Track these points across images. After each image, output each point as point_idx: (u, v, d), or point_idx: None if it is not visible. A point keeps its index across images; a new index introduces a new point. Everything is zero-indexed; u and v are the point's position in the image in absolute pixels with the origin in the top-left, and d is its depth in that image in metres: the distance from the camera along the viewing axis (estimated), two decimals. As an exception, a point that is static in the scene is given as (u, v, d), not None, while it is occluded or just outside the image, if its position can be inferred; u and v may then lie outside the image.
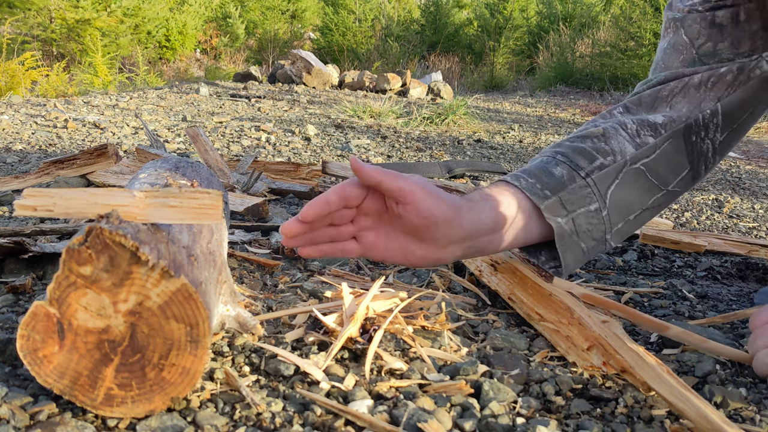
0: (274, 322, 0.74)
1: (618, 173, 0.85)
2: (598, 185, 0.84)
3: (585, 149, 0.86)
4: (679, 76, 0.88)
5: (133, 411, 0.50)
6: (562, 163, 0.85)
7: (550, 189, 0.82)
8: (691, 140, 0.88)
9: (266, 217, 1.34)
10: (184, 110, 4.06)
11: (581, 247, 0.84)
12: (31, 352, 0.48)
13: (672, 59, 0.91)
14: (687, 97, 0.87)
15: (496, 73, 11.67)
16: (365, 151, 2.73)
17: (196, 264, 0.54)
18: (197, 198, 0.53)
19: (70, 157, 1.61)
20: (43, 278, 0.87)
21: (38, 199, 0.51)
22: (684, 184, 0.90)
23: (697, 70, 0.87)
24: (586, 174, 0.84)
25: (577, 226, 0.83)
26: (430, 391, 0.58)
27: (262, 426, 0.51)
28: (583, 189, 0.83)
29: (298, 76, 7.50)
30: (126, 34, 9.18)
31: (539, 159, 0.88)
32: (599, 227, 0.85)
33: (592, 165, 0.85)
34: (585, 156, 0.85)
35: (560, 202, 0.82)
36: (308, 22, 15.17)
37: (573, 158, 0.85)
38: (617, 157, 0.85)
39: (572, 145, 0.88)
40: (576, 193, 0.83)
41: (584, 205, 0.83)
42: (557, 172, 0.84)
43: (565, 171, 0.84)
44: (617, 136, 0.87)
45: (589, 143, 0.87)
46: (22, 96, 4.48)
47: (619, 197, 0.85)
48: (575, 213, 0.83)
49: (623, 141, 0.87)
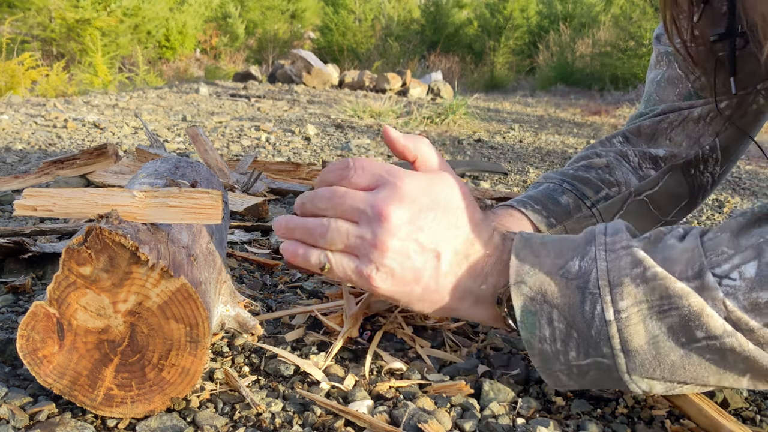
0: (274, 322, 0.74)
1: (623, 204, 0.86)
2: (603, 216, 0.86)
3: (590, 179, 0.88)
4: (675, 109, 0.89)
5: (133, 411, 0.50)
6: (568, 192, 0.86)
7: (555, 217, 0.83)
8: (690, 173, 0.89)
9: (266, 217, 1.34)
10: (183, 110, 4.06)
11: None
12: (31, 352, 0.48)
13: (667, 92, 0.91)
14: (686, 130, 0.88)
15: (496, 73, 11.67)
16: (365, 151, 2.73)
17: (195, 264, 0.54)
18: (197, 198, 0.53)
19: (70, 157, 1.61)
20: (43, 278, 0.87)
21: (38, 199, 0.51)
22: (681, 213, 0.93)
23: (695, 104, 0.87)
24: (592, 204, 0.85)
25: None
26: (430, 391, 0.58)
27: (262, 426, 0.51)
28: (588, 219, 0.85)
29: (298, 75, 7.50)
30: (126, 34, 9.18)
31: (545, 185, 0.89)
32: None
33: (598, 195, 0.86)
34: (590, 186, 0.87)
35: (565, 232, 0.83)
36: (308, 22, 15.17)
37: (579, 187, 0.87)
38: (622, 188, 0.87)
39: (577, 174, 0.89)
40: (581, 223, 0.84)
41: None
42: (563, 201, 0.85)
43: (571, 200, 0.85)
44: (621, 167, 0.88)
45: (594, 173, 0.88)
46: (21, 96, 4.47)
47: None
48: None
49: (627, 172, 0.88)
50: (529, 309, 0.53)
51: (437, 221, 0.55)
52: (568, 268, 0.52)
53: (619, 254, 0.51)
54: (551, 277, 0.53)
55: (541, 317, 0.53)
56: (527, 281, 0.53)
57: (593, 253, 0.52)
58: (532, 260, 0.54)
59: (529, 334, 0.53)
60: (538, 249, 0.55)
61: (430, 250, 0.55)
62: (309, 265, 0.58)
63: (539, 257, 0.54)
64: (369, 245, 0.54)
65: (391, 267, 0.54)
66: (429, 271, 0.55)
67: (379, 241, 0.53)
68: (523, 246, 0.55)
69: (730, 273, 0.47)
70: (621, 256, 0.50)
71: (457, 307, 0.57)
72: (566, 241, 0.55)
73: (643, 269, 0.49)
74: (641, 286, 0.49)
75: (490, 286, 0.57)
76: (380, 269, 0.54)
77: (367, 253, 0.54)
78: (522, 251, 0.55)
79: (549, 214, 0.83)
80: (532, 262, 0.54)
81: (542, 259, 0.54)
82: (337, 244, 0.56)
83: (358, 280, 0.56)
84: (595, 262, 0.51)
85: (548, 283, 0.53)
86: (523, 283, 0.53)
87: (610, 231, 0.53)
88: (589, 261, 0.52)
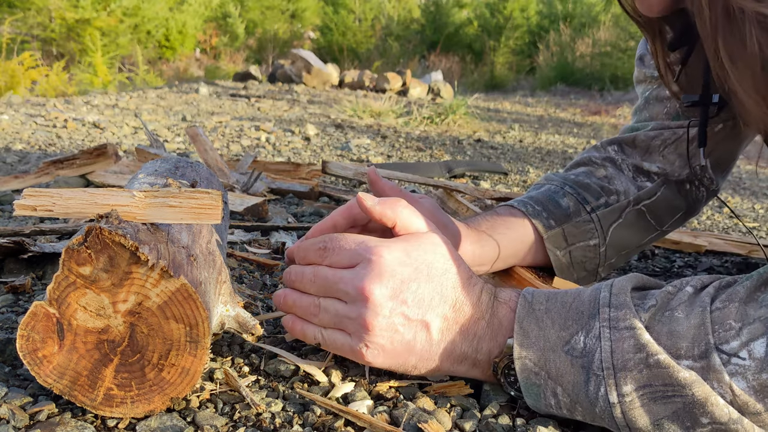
0: (274, 322, 0.74)
1: (622, 212, 0.87)
2: (602, 222, 0.86)
3: (591, 185, 0.88)
4: (666, 127, 0.89)
5: (133, 411, 0.50)
6: (569, 195, 0.87)
7: (555, 219, 0.84)
8: (685, 188, 0.91)
9: (266, 217, 1.34)
10: (183, 110, 4.06)
11: (573, 277, 0.87)
12: (31, 352, 0.48)
13: (656, 109, 0.91)
14: (678, 150, 0.88)
15: (496, 73, 11.67)
16: (365, 151, 2.73)
17: (195, 264, 0.54)
18: (197, 198, 0.53)
19: (70, 157, 1.61)
20: (43, 278, 0.87)
21: (38, 198, 0.51)
22: (676, 224, 0.93)
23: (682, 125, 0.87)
24: (592, 209, 0.86)
25: (572, 258, 0.86)
26: (430, 391, 0.58)
27: (262, 426, 0.51)
28: (587, 224, 0.85)
29: (298, 75, 7.50)
30: (126, 34, 9.17)
31: (546, 187, 0.89)
32: (593, 261, 0.88)
33: (598, 201, 0.87)
34: (591, 192, 0.87)
35: (563, 234, 0.84)
36: (308, 22, 15.17)
37: (580, 192, 0.87)
38: (621, 197, 0.88)
39: (578, 180, 0.89)
40: (579, 227, 0.85)
41: (584, 239, 0.86)
42: (564, 203, 0.86)
43: (572, 203, 0.86)
44: (620, 176, 0.89)
45: (595, 180, 0.89)
46: (21, 96, 4.47)
47: (620, 235, 0.88)
48: (574, 246, 0.85)
49: (626, 182, 0.89)
50: (533, 382, 0.53)
51: (421, 291, 0.55)
52: (573, 344, 0.51)
53: (622, 335, 0.49)
54: (556, 354, 0.52)
55: (545, 390, 0.53)
56: (531, 357, 0.53)
57: (597, 330, 0.51)
58: (536, 333, 0.53)
59: (534, 401, 0.54)
60: (541, 318, 0.54)
61: (417, 321, 0.55)
62: (306, 339, 0.60)
63: (543, 329, 0.53)
64: (357, 324, 0.55)
65: (381, 343, 0.55)
66: (420, 342, 0.55)
67: (364, 320, 0.54)
68: (527, 314, 0.54)
69: (739, 352, 0.46)
70: (625, 338, 0.49)
71: (455, 370, 0.58)
72: (571, 310, 0.53)
73: (646, 355, 0.48)
74: (644, 371, 0.48)
75: (485, 353, 0.56)
76: (370, 346, 0.55)
77: (356, 331, 0.55)
78: (525, 320, 0.54)
79: (549, 215, 0.84)
80: (536, 335, 0.53)
81: (546, 332, 0.53)
82: (328, 323, 0.58)
83: (351, 355, 0.57)
84: (599, 341, 0.50)
85: (552, 360, 0.52)
86: (527, 359, 0.53)
87: (614, 303, 0.51)
88: (594, 339, 0.51)
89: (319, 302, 0.58)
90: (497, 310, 0.57)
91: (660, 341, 0.49)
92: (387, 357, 0.56)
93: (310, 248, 0.60)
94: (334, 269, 0.57)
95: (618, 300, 0.51)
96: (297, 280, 0.60)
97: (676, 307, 0.50)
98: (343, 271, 0.57)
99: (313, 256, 0.60)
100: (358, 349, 0.56)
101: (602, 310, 0.51)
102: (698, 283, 0.52)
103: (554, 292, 0.56)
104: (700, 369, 0.47)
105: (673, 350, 0.48)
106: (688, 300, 0.50)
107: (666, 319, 0.49)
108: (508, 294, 0.58)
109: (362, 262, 0.55)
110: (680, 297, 0.51)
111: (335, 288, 0.56)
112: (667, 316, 0.50)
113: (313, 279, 0.58)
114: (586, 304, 0.53)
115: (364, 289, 0.54)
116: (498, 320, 0.56)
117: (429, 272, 0.56)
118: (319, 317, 0.58)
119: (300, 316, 0.60)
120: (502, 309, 0.57)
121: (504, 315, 0.56)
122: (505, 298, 0.57)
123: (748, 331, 0.46)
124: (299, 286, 0.60)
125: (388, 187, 0.72)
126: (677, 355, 0.48)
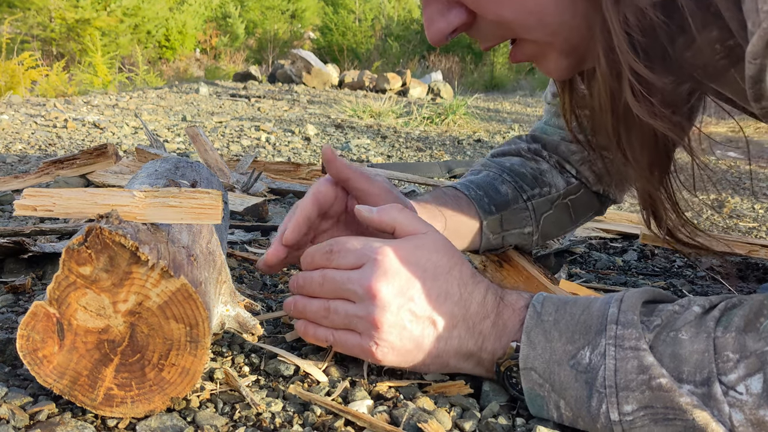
0: (274, 322, 0.74)
1: (552, 204, 0.90)
2: (536, 210, 0.89)
3: (526, 175, 0.90)
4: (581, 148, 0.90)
5: (133, 411, 0.50)
6: (508, 182, 0.89)
7: (495, 205, 0.86)
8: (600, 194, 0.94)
9: (266, 217, 1.34)
10: (183, 110, 4.06)
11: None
12: (31, 352, 0.48)
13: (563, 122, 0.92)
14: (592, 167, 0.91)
15: (496, 73, 11.67)
16: (365, 151, 2.73)
17: (195, 264, 0.54)
18: (197, 198, 0.53)
19: (70, 157, 1.61)
20: (43, 278, 0.87)
21: (38, 199, 0.51)
22: (585, 220, 0.98)
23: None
24: (528, 198, 0.88)
25: (504, 243, 0.89)
26: (430, 391, 0.58)
27: (262, 426, 0.51)
28: (522, 211, 0.88)
29: (298, 75, 7.50)
30: (126, 34, 9.18)
31: (485, 173, 0.91)
32: (525, 247, 0.92)
33: (533, 191, 0.89)
34: (526, 181, 0.90)
35: (500, 221, 0.86)
36: (308, 22, 15.18)
37: (517, 180, 0.89)
38: (552, 190, 0.90)
39: (514, 168, 0.91)
40: (516, 214, 0.87)
41: (519, 226, 0.88)
42: (503, 190, 0.88)
43: (510, 190, 0.88)
44: (551, 170, 0.91)
45: (529, 170, 0.91)
46: (21, 96, 4.47)
47: (548, 225, 0.91)
48: (508, 232, 0.88)
49: (556, 175, 0.91)
50: (537, 393, 0.53)
51: (427, 289, 0.56)
52: (579, 359, 0.52)
53: (626, 355, 0.50)
54: (561, 367, 0.52)
55: (548, 402, 0.53)
56: (537, 368, 0.53)
57: (603, 347, 0.51)
58: (543, 344, 0.53)
59: (537, 410, 0.54)
60: (549, 330, 0.54)
61: (425, 318, 0.56)
62: (319, 342, 0.61)
63: (551, 341, 0.53)
64: (366, 323, 0.56)
65: (391, 340, 0.56)
66: (428, 338, 0.56)
67: (373, 318, 0.55)
68: (535, 324, 0.54)
69: (737, 386, 0.46)
70: (629, 358, 0.49)
71: (462, 366, 0.59)
72: (579, 323, 0.53)
73: (648, 377, 0.48)
74: (647, 392, 0.48)
75: (489, 353, 0.57)
76: (380, 344, 0.56)
77: (366, 329, 0.56)
78: (533, 330, 0.54)
79: (490, 201, 0.85)
80: (543, 346, 0.53)
81: (553, 344, 0.53)
82: (339, 324, 0.59)
83: (362, 354, 0.58)
84: (604, 358, 0.50)
85: (557, 372, 0.52)
86: (533, 370, 0.53)
87: (622, 320, 0.51)
88: (599, 356, 0.51)
89: (328, 305, 0.59)
90: (502, 312, 0.57)
91: (663, 362, 0.49)
92: (397, 354, 0.57)
93: (316, 253, 0.62)
94: (342, 270, 0.59)
95: (626, 317, 0.51)
96: (306, 284, 0.61)
97: (680, 328, 0.50)
98: (350, 271, 0.58)
99: (320, 260, 0.61)
100: (368, 348, 0.57)
101: (609, 327, 0.51)
102: (706, 303, 0.52)
103: (564, 301, 0.56)
104: (702, 396, 0.47)
105: (675, 373, 0.48)
106: (694, 321, 0.50)
107: (670, 340, 0.50)
108: (514, 297, 0.58)
109: (369, 262, 0.57)
110: (686, 317, 0.51)
111: (343, 288, 0.58)
112: (671, 337, 0.50)
113: (322, 282, 0.60)
114: (594, 318, 0.53)
115: (371, 288, 0.55)
116: (503, 322, 0.57)
117: (435, 270, 0.57)
118: (329, 319, 0.59)
119: (311, 320, 0.61)
120: (507, 311, 0.57)
121: (509, 318, 0.57)
122: (511, 301, 0.58)
123: (745, 365, 0.46)
124: (308, 291, 0.62)
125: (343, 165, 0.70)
126: (679, 378, 0.48)
